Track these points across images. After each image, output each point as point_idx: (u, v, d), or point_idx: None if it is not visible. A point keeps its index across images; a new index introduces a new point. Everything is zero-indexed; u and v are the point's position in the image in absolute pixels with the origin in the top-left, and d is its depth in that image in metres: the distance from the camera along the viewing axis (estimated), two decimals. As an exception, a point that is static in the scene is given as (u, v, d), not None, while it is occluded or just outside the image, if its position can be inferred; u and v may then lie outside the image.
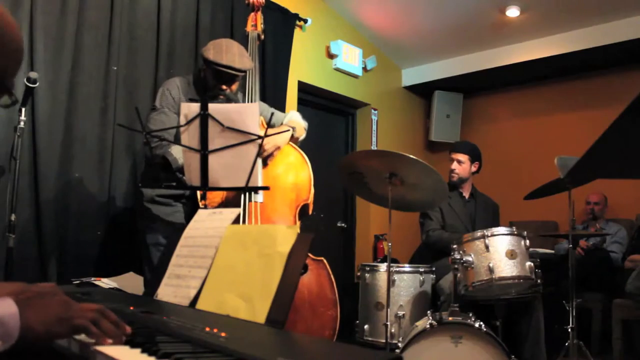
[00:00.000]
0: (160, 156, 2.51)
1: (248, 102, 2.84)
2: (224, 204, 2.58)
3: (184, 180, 2.37)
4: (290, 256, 1.20)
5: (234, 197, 2.58)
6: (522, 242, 2.84)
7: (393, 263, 3.15)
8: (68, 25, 3.14)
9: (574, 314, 2.96)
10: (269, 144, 2.58)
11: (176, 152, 2.48)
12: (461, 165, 3.63)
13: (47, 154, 3.02)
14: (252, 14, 3.10)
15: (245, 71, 2.66)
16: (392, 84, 6.16)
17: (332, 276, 2.67)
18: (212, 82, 2.65)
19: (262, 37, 3.13)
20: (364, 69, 5.57)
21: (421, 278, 3.20)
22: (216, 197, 2.59)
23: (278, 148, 2.70)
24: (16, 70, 1.10)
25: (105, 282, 2.60)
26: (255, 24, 3.06)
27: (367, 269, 3.32)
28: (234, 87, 2.70)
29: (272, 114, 2.70)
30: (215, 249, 1.39)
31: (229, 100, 2.74)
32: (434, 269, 3.31)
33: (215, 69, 2.58)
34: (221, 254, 1.37)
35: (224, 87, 2.65)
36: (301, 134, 2.87)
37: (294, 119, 2.86)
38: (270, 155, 2.67)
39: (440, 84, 6.19)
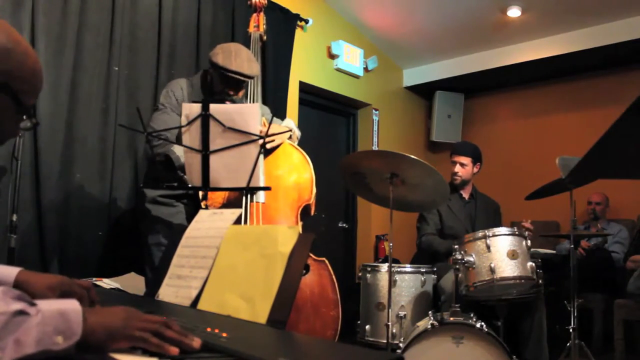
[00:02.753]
0: (162, 154, 2.51)
1: (250, 103, 2.84)
2: (227, 204, 2.58)
3: (186, 179, 2.37)
4: (292, 256, 1.20)
5: (236, 197, 2.58)
6: (524, 242, 2.84)
7: (394, 263, 3.15)
8: (69, 25, 3.15)
9: (575, 314, 2.95)
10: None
11: (178, 150, 2.48)
12: (464, 168, 3.61)
13: (49, 155, 3.02)
14: (255, 15, 3.09)
15: (253, 77, 2.65)
16: (393, 84, 6.16)
17: (334, 277, 2.67)
18: (219, 87, 2.63)
19: (265, 38, 3.12)
20: (365, 69, 5.57)
21: (422, 278, 3.20)
22: (218, 197, 2.60)
23: (280, 141, 2.72)
24: (35, 93, 1.15)
25: (107, 283, 2.60)
26: (257, 24, 3.06)
27: (369, 269, 3.32)
28: (241, 93, 2.69)
29: (272, 117, 2.71)
30: (216, 250, 1.39)
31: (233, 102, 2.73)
32: (435, 269, 3.31)
33: (223, 74, 2.55)
34: (222, 254, 1.37)
35: (231, 92, 2.64)
36: (294, 142, 2.87)
37: (290, 126, 2.87)
38: (274, 148, 2.67)
39: (442, 84, 6.19)
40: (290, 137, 2.82)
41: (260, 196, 2.61)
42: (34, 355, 0.78)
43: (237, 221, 1.46)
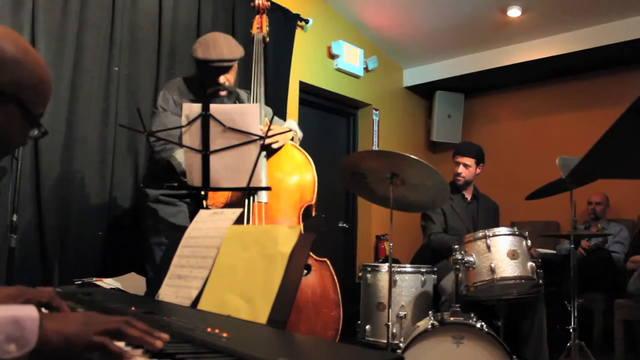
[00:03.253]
0: (164, 160, 2.51)
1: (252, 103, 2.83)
2: (229, 204, 2.58)
3: (182, 185, 2.38)
4: (292, 256, 1.20)
5: (238, 197, 2.58)
6: (524, 243, 2.84)
7: (394, 263, 3.15)
8: (69, 25, 3.15)
9: (575, 314, 2.95)
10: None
11: (180, 155, 2.48)
12: (468, 169, 3.61)
13: (49, 155, 3.02)
14: (257, 16, 3.09)
15: (236, 60, 2.65)
16: (393, 84, 6.16)
17: (335, 277, 2.67)
18: (209, 79, 2.65)
19: (268, 39, 3.13)
20: (365, 69, 5.57)
21: (422, 278, 3.20)
22: (221, 197, 2.59)
23: (283, 142, 2.70)
24: (44, 103, 1.13)
25: (107, 283, 2.61)
26: (260, 26, 3.05)
27: (369, 269, 3.32)
28: (231, 77, 2.69)
29: (273, 116, 2.71)
30: (216, 250, 1.39)
31: (230, 93, 2.73)
32: (435, 269, 3.31)
33: (207, 66, 2.58)
34: (223, 254, 1.37)
35: (221, 80, 2.65)
36: (296, 143, 2.87)
37: (292, 127, 2.87)
38: (278, 148, 2.66)
39: (442, 84, 6.19)
40: (292, 139, 2.81)
41: (263, 196, 2.61)
42: None
43: (240, 221, 1.46)
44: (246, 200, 2.53)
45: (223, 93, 2.68)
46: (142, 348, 0.85)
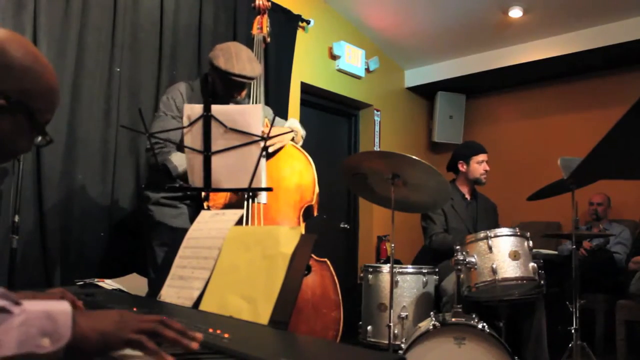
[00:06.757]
0: (161, 163, 2.50)
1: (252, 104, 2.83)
2: (228, 205, 2.58)
3: (185, 186, 2.37)
4: (294, 257, 1.20)
5: (237, 198, 2.58)
6: (525, 243, 2.84)
7: (396, 264, 3.14)
8: (71, 26, 3.15)
9: (577, 315, 2.95)
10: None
11: (176, 159, 2.48)
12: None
13: (51, 156, 3.03)
14: (258, 17, 3.09)
15: (256, 78, 2.64)
16: (394, 85, 6.16)
17: (335, 277, 2.67)
18: (223, 90, 2.63)
19: (268, 40, 3.12)
20: (367, 70, 5.58)
21: (424, 279, 3.20)
22: (220, 198, 2.59)
23: (282, 144, 2.67)
24: (52, 111, 1.11)
25: (109, 283, 2.60)
26: (261, 27, 3.05)
27: (370, 270, 3.31)
28: (243, 93, 2.69)
29: (274, 117, 2.70)
30: (218, 250, 1.39)
31: (236, 104, 2.73)
32: (437, 269, 3.30)
33: (226, 78, 2.54)
34: (224, 255, 1.37)
35: (235, 94, 2.64)
36: (299, 142, 2.84)
37: (294, 125, 2.86)
38: (276, 151, 2.64)
39: (443, 85, 6.19)
40: (293, 139, 2.80)
41: (262, 197, 2.61)
42: (19, 357, 0.73)
43: (239, 223, 1.46)
44: (245, 202, 2.53)
45: (231, 104, 2.68)
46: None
